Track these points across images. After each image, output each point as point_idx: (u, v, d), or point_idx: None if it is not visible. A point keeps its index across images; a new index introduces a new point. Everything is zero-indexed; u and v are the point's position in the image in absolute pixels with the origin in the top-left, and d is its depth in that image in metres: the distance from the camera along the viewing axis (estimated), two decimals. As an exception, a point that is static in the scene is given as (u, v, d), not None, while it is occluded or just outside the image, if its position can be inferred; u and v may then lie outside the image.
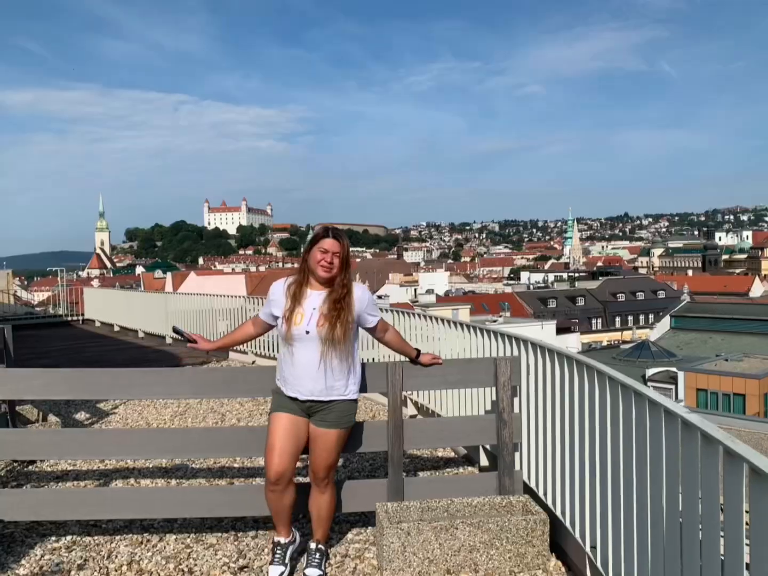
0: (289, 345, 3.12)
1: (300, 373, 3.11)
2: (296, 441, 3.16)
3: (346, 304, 3.09)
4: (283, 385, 3.21)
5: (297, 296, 3.11)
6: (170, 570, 3.42)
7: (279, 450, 3.11)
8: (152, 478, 4.81)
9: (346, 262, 3.12)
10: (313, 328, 3.06)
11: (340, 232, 3.15)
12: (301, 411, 3.17)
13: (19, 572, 3.40)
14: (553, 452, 3.35)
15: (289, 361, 3.14)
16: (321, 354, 3.08)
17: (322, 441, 3.20)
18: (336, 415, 3.19)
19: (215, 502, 3.63)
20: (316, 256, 3.09)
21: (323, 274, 3.08)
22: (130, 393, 3.74)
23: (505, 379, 3.59)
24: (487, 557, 3.26)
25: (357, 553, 3.56)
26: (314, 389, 3.12)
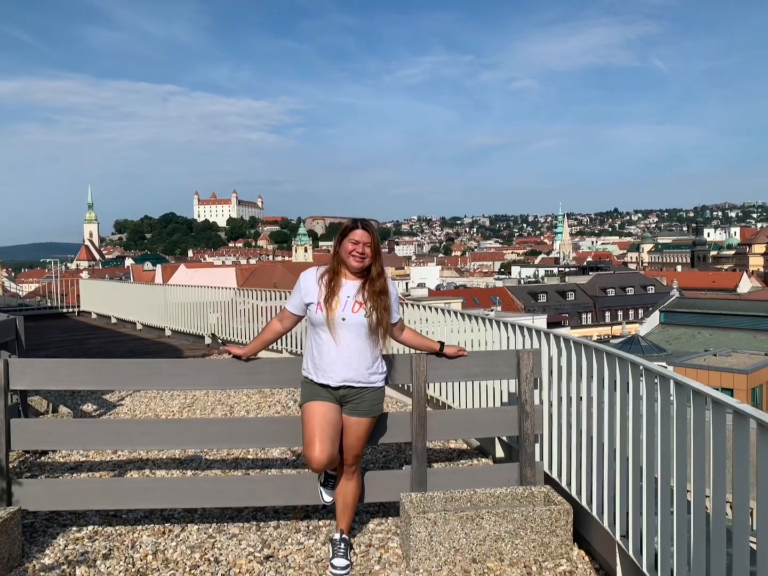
0: (322, 332, 3.15)
1: (334, 360, 3.14)
2: (335, 427, 3.19)
3: (385, 292, 3.17)
4: (313, 373, 3.22)
5: (332, 285, 3.15)
6: (196, 559, 3.44)
7: (320, 437, 3.12)
8: (167, 469, 4.81)
9: (377, 251, 3.18)
10: (349, 314, 3.11)
11: (369, 222, 3.21)
12: (333, 398, 3.20)
13: (44, 561, 3.40)
14: (578, 443, 3.39)
15: (322, 348, 3.17)
16: (356, 341, 3.13)
17: (354, 430, 3.24)
18: (368, 403, 3.23)
19: (239, 491, 3.65)
20: (347, 247, 3.14)
21: (356, 264, 3.13)
22: (155, 383, 3.74)
23: (528, 371, 3.63)
24: (512, 546, 3.31)
25: (381, 543, 3.59)
26: (347, 376, 3.15)
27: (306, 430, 3.20)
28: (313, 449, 3.14)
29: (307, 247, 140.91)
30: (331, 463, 3.22)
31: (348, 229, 3.18)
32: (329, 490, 3.50)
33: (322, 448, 3.13)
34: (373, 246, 3.16)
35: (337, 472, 3.42)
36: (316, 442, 3.14)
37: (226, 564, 3.39)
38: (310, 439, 3.16)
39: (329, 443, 3.16)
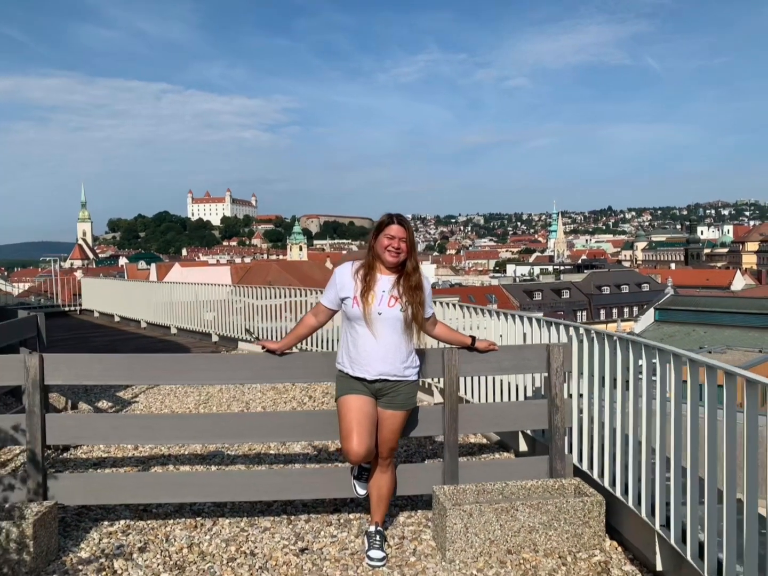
0: (358, 326, 3.18)
1: (370, 353, 3.17)
2: (372, 420, 3.22)
3: (420, 287, 3.19)
4: (349, 367, 3.24)
5: (367, 279, 3.17)
6: (232, 552, 3.46)
7: (358, 430, 3.15)
8: (190, 464, 4.83)
9: (412, 246, 3.20)
10: (385, 308, 3.14)
11: (404, 218, 3.23)
12: (369, 392, 3.23)
13: (81, 555, 3.42)
14: (612, 436, 3.43)
15: (358, 341, 3.20)
16: (392, 335, 3.16)
17: (390, 423, 3.28)
18: (403, 397, 3.27)
19: (271, 485, 3.68)
20: (383, 242, 3.16)
21: (391, 259, 3.16)
22: (189, 378, 3.76)
23: (558, 365, 3.67)
24: (545, 538, 3.35)
25: (413, 535, 3.63)
26: (383, 369, 3.18)
27: (343, 423, 3.23)
28: (351, 442, 3.17)
29: (302, 245, 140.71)
30: (369, 455, 3.25)
31: (383, 224, 3.20)
32: (363, 483, 3.53)
33: (360, 440, 3.16)
34: (409, 241, 3.18)
35: (371, 465, 3.46)
36: (354, 434, 3.17)
37: (262, 557, 3.42)
38: (348, 432, 3.19)
39: (367, 436, 3.19)
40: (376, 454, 3.36)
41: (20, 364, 3.49)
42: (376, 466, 3.42)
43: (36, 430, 3.45)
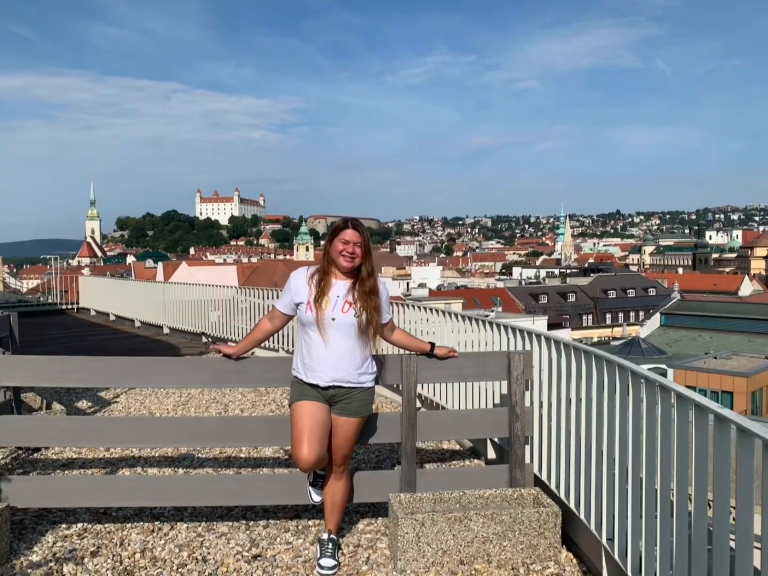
0: (312, 332, 3.14)
1: (323, 359, 3.13)
2: (324, 427, 3.18)
3: (375, 293, 3.16)
4: (303, 373, 3.21)
5: (322, 284, 3.14)
6: (184, 558, 3.43)
7: (308, 437, 3.11)
8: (159, 467, 4.81)
9: (367, 251, 3.17)
10: (339, 314, 3.10)
11: (359, 222, 3.20)
12: (322, 398, 3.19)
13: (32, 558, 3.40)
14: (567, 445, 3.38)
15: (311, 347, 3.16)
16: (345, 341, 3.12)
17: (344, 429, 3.24)
18: (358, 403, 3.22)
19: (229, 490, 3.64)
20: (337, 247, 3.13)
21: (346, 264, 3.12)
22: (148, 381, 3.73)
23: (518, 373, 3.62)
24: (500, 548, 3.30)
25: (369, 543, 3.58)
26: (337, 376, 3.14)
27: (295, 430, 3.19)
28: (301, 449, 3.13)
29: (309, 246, 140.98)
30: (320, 462, 3.21)
31: (338, 228, 3.17)
32: (318, 489, 3.49)
33: (310, 448, 3.12)
34: (364, 246, 3.15)
35: (326, 472, 3.42)
36: (304, 441, 3.13)
37: (213, 563, 3.38)
38: (299, 439, 3.15)
39: (317, 443, 3.15)
40: (330, 461, 3.32)
41: (-26, 365, 3.47)
42: (331, 474, 3.39)
43: (-11, 432, 3.43)
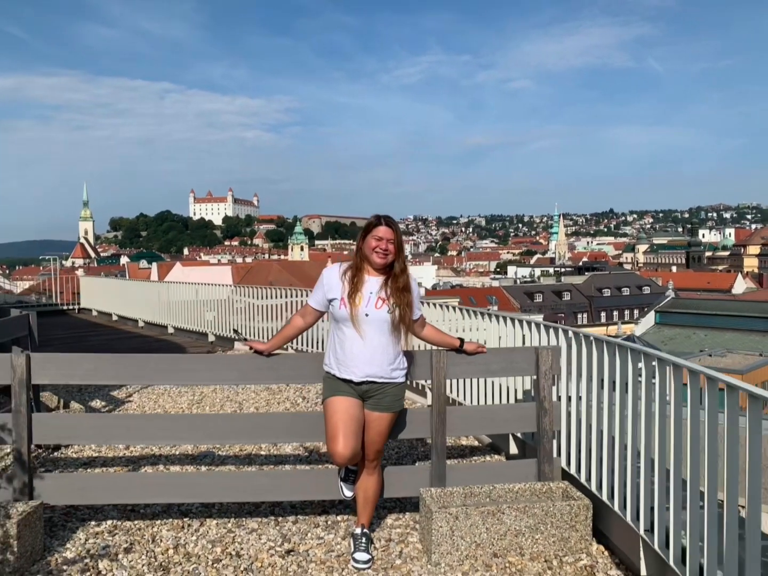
0: (346, 328, 3.17)
1: (356, 355, 3.16)
2: (358, 422, 3.21)
3: (408, 289, 3.18)
4: (335, 368, 3.24)
5: (354, 281, 3.17)
6: (218, 553, 3.45)
7: (344, 432, 3.14)
8: (180, 464, 4.82)
9: (399, 247, 3.19)
10: (372, 310, 3.13)
11: (392, 219, 3.23)
12: (355, 394, 3.22)
13: (66, 555, 3.41)
14: (599, 439, 3.42)
15: (345, 343, 3.19)
16: (378, 336, 3.15)
17: (377, 425, 3.26)
18: (390, 399, 3.25)
19: (259, 486, 3.67)
20: (371, 243, 3.16)
21: (379, 261, 3.15)
22: (178, 378, 3.75)
23: (546, 368, 3.66)
24: (532, 541, 3.33)
25: (400, 538, 3.62)
26: (371, 371, 3.17)
27: (329, 425, 3.22)
28: (336, 444, 3.16)
29: (304, 245, 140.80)
30: (354, 457, 3.24)
31: (371, 225, 3.20)
32: (350, 485, 3.52)
33: (345, 442, 3.15)
34: (396, 242, 3.17)
35: (358, 467, 3.44)
36: (339, 436, 3.16)
37: (248, 558, 3.41)
38: (334, 434, 3.18)
39: (352, 438, 3.18)
40: (362, 456, 3.35)
41: (7, 363, 3.48)
42: (363, 469, 3.41)
43: (22, 430, 3.44)
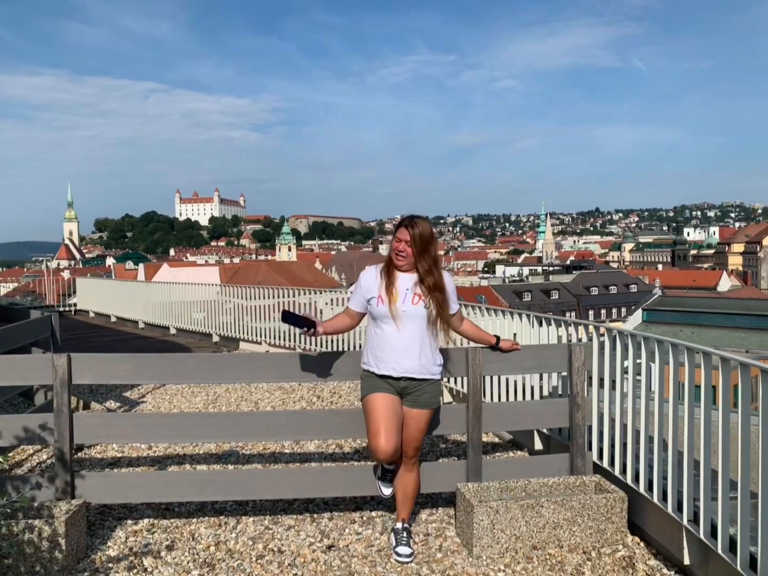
0: (384, 324, 3.21)
1: (396, 350, 3.19)
2: (398, 418, 3.26)
3: (439, 288, 3.22)
4: (374, 365, 3.27)
5: (390, 278, 3.22)
6: (260, 550, 3.50)
7: (385, 428, 3.19)
8: (206, 463, 4.85)
9: (421, 249, 3.17)
10: (409, 306, 3.18)
11: (414, 221, 3.19)
12: (394, 390, 3.27)
13: (110, 553, 3.44)
14: (635, 433, 3.50)
15: (383, 339, 3.23)
16: (417, 332, 3.20)
17: (415, 421, 3.32)
18: (428, 395, 3.31)
19: (299, 483, 3.72)
20: (393, 245, 3.25)
21: (397, 263, 3.22)
22: (216, 378, 3.78)
23: (579, 364, 3.74)
24: (569, 533, 3.41)
25: (438, 532, 3.68)
26: (409, 367, 3.21)
27: (371, 422, 3.27)
28: (378, 440, 3.21)
29: (291, 246, 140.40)
30: (396, 453, 3.29)
31: (397, 226, 3.26)
32: (387, 483, 3.56)
33: (387, 438, 3.20)
34: (415, 244, 3.16)
35: (395, 465, 3.48)
36: (381, 432, 3.20)
37: (290, 554, 3.45)
38: (376, 430, 3.23)
39: (394, 434, 3.23)
40: (401, 453, 3.40)
41: (48, 363, 3.51)
42: (401, 465, 3.46)
43: (64, 430, 3.47)
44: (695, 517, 2.95)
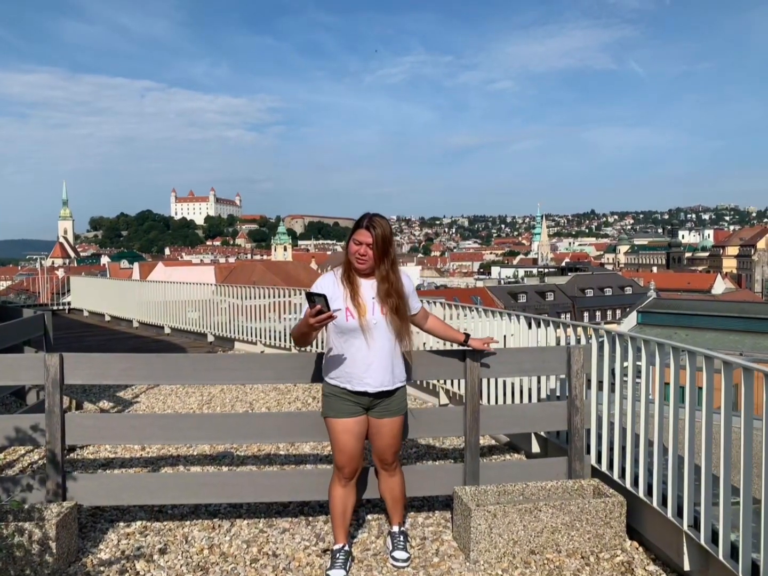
0: (353, 338, 3.01)
1: (370, 366, 3.01)
2: (363, 439, 3.20)
3: (396, 293, 3.01)
4: (346, 382, 3.06)
5: (354, 286, 3.00)
6: (254, 553, 3.45)
7: (350, 453, 3.14)
8: (200, 465, 4.80)
9: (382, 251, 2.95)
10: (379, 316, 3.00)
11: (375, 220, 2.96)
12: (361, 408, 3.12)
13: (101, 557, 3.39)
14: (634, 436, 3.47)
15: (356, 355, 3.01)
16: (387, 344, 3.03)
17: (389, 429, 3.19)
18: (397, 402, 3.19)
19: (294, 486, 3.67)
20: (351, 247, 2.99)
21: (358, 266, 2.98)
22: (212, 378, 3.72)
23: (578, 367, 3.70)
24: (568, 538, 3.37)
25: (434, 536, 3.64)
26: (384, 379, 3.05)
27: (336, 444, 3.16)
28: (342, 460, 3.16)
29: (287, 246, 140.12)
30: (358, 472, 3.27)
31: (354, 226, 3.02)
32: (338, 568, 3.22)
33: (350, 462, 3.17)
34: (377, 247, 2.93)
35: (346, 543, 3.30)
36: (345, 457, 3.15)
37: (285, 558, 3.40)
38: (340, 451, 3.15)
39: (358, 458, 3.21)
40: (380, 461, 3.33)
41: (40, 363, 3.45)
42: (383, 473, 3.38)
43: (56, 431, 3.41)
44: (695, 522, 2.92)
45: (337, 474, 3.24)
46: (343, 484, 3.24)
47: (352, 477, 3.25)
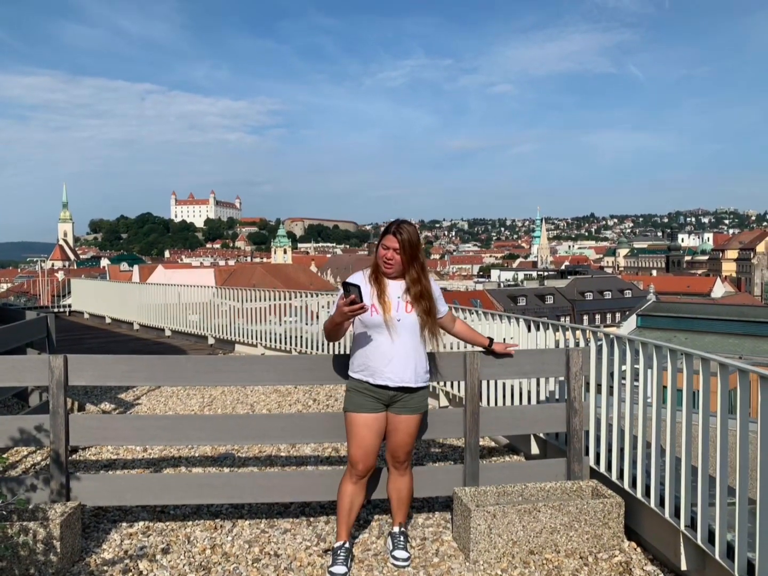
0: (377, 334, 3.14)
1: (392, 361, 3.14)
2: (380, 437, 3.27)
3: (426, 296, 3.16)
4: (369, 376, 3.18)
5: (381, 285, 3.14)
6: (256, 553, 3.48)
7: (366, 449, 3.21)
8: (202, 466, 4.84)
9: (410, 256, 3.11)
10: (403, 314, 3.13)
11: (403, 227, 3.11)
12: (381, 404, 3.21)
13: (104, 556, 3.42)
14: (632, 437, 3.50)
15: (377, 349, 3.15)
16: (410, 341, 3.16)
17: (406, 426, 3.28)
18: (417, 400, 3.27)
19: (296, 487, 3.70)
20: (380, 252, 3.15)
21: (385, 271, 3.14)
22: (215, 380, 3.76)
23: (577, 369, 3.74)
24: (566, 538, 3.40)
25: (434, 536, 3.67)
26: (405, 376, 3.17)
27: (353, 439, 3.24)
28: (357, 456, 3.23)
29: (287, 248, 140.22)
30: (372, 468, 3.31)
31: (383, 232, 3.18)
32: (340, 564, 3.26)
33: (366, 458, 3.23)
34: (404, 252, 3.09)
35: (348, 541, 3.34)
36: (361, 452, 3.22)
37: (286, 558, 3.44)
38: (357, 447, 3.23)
39: (374, 454, 3.26)
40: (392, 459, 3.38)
41: (45, 365, 3.49)
42: (393, 471, 3.43)
43: (60, 431, 3.45)
44: (692, 522, 2.95)
45: (350, 470, 3.30)
46: (354, 481, 3.30)
47: (364, 475, 3.30)
